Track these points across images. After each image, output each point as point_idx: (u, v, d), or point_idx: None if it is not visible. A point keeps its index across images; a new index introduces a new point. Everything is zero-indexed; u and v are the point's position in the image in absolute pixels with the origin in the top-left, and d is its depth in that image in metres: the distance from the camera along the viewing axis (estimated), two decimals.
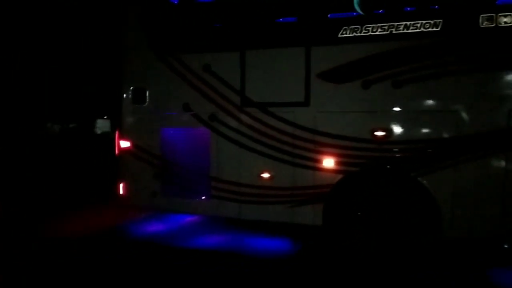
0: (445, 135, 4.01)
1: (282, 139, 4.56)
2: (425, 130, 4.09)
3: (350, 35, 4.22)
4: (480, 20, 3.81)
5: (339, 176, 4.34)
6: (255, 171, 4.69)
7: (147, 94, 5.15)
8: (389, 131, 4.15)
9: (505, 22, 3.74)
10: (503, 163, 3.85)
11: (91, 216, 6.31)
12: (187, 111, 4.95)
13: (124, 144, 5.27)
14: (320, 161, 4.40)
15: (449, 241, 4.10)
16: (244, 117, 4.73)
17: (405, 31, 4.03)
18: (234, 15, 4.78)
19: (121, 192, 5.27)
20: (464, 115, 3.94)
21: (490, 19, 3.79)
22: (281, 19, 4.57)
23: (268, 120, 4.63)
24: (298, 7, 4.50)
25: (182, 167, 5.02)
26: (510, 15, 3.72)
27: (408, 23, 4.01)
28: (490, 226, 3.94)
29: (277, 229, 5.04)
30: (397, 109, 4.18)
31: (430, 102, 4.08)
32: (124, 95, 5.27)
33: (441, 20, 3.90)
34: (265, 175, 4.64)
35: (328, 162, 4.37)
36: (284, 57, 4.55)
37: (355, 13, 4.22)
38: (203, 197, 4.98)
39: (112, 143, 5.47)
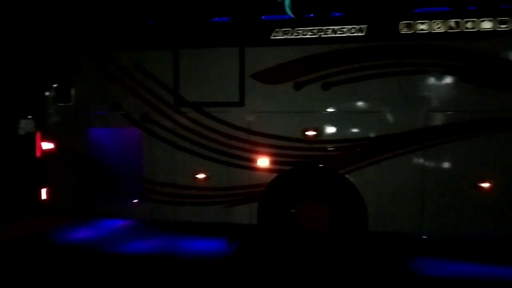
0: (370, 135, 4.23)
1: (217, 139, 4.54)
2: (352, 130, 4.29)
3: (282, 37, 4.31)
4: (400, 27, 4.11)
5: (273, 175, 4.43)
6: (190, 172, 4.62)
7: (72, 93, 4.86)
8: (319, 131, 4.30)
9: (422, 29, 4.06)
10: (421, 161, 4.15)
11: (12, 224, 5.79)
12: (117, 110, 4.75)
13: (47, 145, 4.91)
14: (254, 161, 4.45)
15: (373, 235, 4.35)
16: (178, 117, 4.64)
17: (333, 35, 4.21)
18: (167, 13, 4.67)
19: (43, 197, 4.91)
20: (387, 115, 4.20)
21: (408, 26, 4.09)
22: (215, 19, 4.55)
23: (203, 120, 4.58)
24: (232, 7, 4.51)
25: (112, 169, 4.78)
26: (426, 22, 4.05)
27: (335, 27, 4.20)
28: (411, 220, 4.22)
29: (214, 230, 5.01)
30: (326, 110, 4.34)
31: (356, 103, 4.28)
32: (47, 93, 4.93)
33: (365, 26, 4.14)
34: (201, 175, 4.58)
35: (263, 162, 4.43)
36: (218, 57, 4.53)
37: (287, 16, 4.33)
38: (136, 201, 4.79)
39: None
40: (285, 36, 4.31)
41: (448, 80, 4.08)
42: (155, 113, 4.67)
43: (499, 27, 3.87)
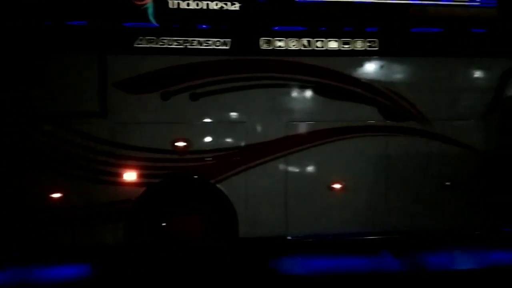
0: (237, 144, 4.37)
1: (76, 153, 4.14)
2: (220, 140, 4.37)
3: (146, 45, 4.18)
4: (260, 43, 4.36)
5: (142, 189, 4.22)
6: (46, 191, 4.10)
7: None
8: (189, 142, 4.27)
9: (280, 46, 4.38)
10: (284, 167, 4.45)
11: None
12: None
13: None
14: (120, 176, 4.19)
15: (244, 241, 4.50)
16: (31, 129, 4.09)
17: (198, 46, 4.24)
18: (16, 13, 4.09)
19: None
20: (252, 126, 4.40)
21: (268, 42, 4.38)
22: (74, 22, 4.16)
23: (60, 132, 4.13)
24: (89, 11, 4.17)
25: None
26: (283, 40, 4.38)
27: (201, 39, 4.24)
28: (277, 223, 4.47)
29: (76, 252, 4.52)
30: (195, 120, 4.33)
31: (224, 114, 4.38)
32: None
33: (229, 40, 4.28)
34: (57, 195, 4.10)
35: (129, 176, 4.19)
36: (76, 63, 4.14)
37: (151, 24, 4.21)
38: None
39: None
40: (150, 45, 4.18)
41: (304, 93, 4.49)
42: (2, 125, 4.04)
43: (343, 47, 4.44)
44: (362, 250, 4.84)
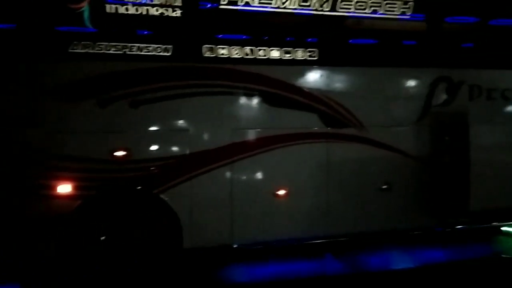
0: (181, 153, 4.29)
1: (7, 164, 3.83)
2: (163, 149, 4.25)
3: (82, 51, 3.97)
4: (203, 50, 4.33)
5: (77, 203, 3.98)
6: None
7: None
8: (129, 151, 4.10)
9: (223, 54, 4.38)
10: (229, 175, 4.43)
11: None
12: None
13: None
14: (54, 188, 3.91)
15: (190, 251, 4.41)
16: None
17: (138, 53, 4.12)
18: None
19: None
20: (196, 134, 4.34)
21: (211, 50, 4.36)
22: (1, 25, 3.85)
23: None
24: (19, 13, 3.89)
25: None
26: (226, 48, 4.38)
27: (141, 45, 4.12)
28: (223, 232, 4.43)
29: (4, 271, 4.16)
30: (135, 128, 4.18)
31: (166, 122, 4.29)
32: None
33: (171, 46, 4.20)
34: None
35: (64, 188, 3.93)
36: (6, 69, 3.83)
37: (87, 29, 4.02)
38: None
39: None
40: (86, 50, 3.99)
41: (248, 101, 4.51)
42: None
43: (284, 56, 4.54)
44: (307, 255, 4.94)
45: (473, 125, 4.73)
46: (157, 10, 4.14)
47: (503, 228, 5.65)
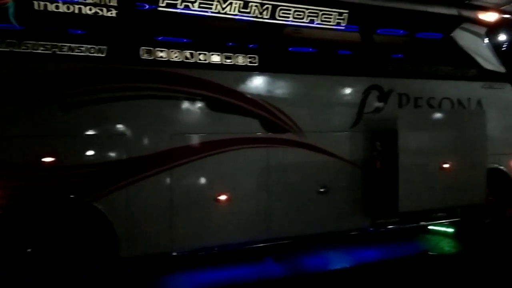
0: (116, 159, 4.12)
1: None
2: (96, 155, 4.06)
3: (6, 49, 3.68)
4: (141, 52, 4.21)
5: None
6: None
7: None
8: (58, 157, 3.87)
9: (162, 57, 4.27)
10: (169, 181, 4.32)
11: None
12: None
13: None
14: None
15: (127, 261, 4.24)
16: None
17: (70, 53, 3.90)
18: None
19: None
20: (133, 139, 4.19)
21: (149, 52, 4.24)
22: None
23: None
24: None
25: None
26: (165, 51, 4.28)
27: (72, 45, 3.91)
28: (162, 240, 4.31)
29: None
30: (66, 133, 3.95)
31: (100, 126, 4.10)
32: None
33: (105, 47, 4.04)
34: None
35: None
36: None
37: (11, 26, 3.73)
38: None
39: None
40: (11, 49, 3.70)
41: (188, 105, 4.44)
42: None
43: (225, 61, 4.53)
44: (248, 259, 4.96)
45: (402, 132, 5.01)
46: (90, 10, 3.97)
47: (430, 227, 6.10)
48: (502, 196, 6.04)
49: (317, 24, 4.93)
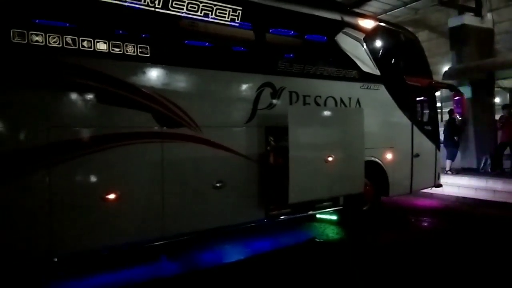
0: None
1: None
2: None
3: None
4: (12, 35, 3.71)
5: None
6: None
7: None
8: None
9: (37, 41, 3.82)
10: (47, 179, 3.90)
11: None
12: None
13: None
14: None
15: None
16: None
17: None
18: None
19: None
20: (2, 131, 3.69)
21: (22, 35, 3.76)
22: None
23: None
24: None
25: None
26: (42, 34, 3.84)
27: None
28: (41, 243, 3.89)
29: None
30: None
31: None
32: None
33: None
34: None
35: None
36: None
37: None
38: None
39: None
40: None
41: (71, 95, 4.05)
42: None
43: (113, 50, 4.23)
44: (142, 259, 4.77)
45: (292, 127, 5.26)
46: None
47: (317, 216, 6.59)
48: (377, 185, 6.83)
49: (212, 18, 4.93)
